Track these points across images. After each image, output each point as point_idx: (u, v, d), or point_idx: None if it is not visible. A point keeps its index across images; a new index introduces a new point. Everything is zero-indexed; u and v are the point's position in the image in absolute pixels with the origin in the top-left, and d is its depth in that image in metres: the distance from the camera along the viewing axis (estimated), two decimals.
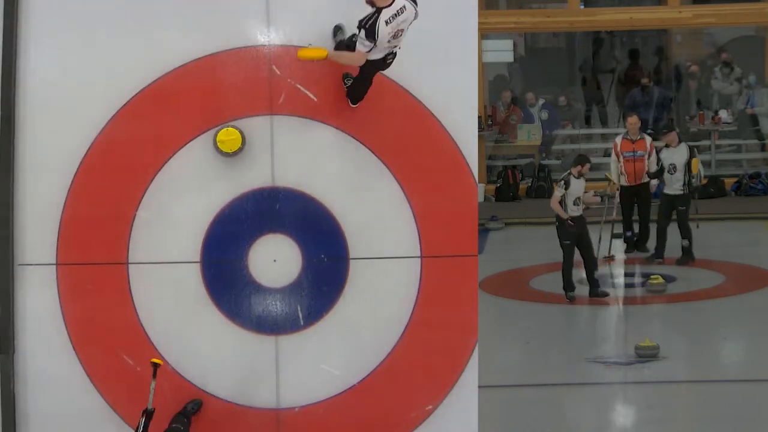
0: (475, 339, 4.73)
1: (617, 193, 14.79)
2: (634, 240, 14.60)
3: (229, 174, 4.70)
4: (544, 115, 19.91)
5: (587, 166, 12.04)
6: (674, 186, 14.35)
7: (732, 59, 19.69)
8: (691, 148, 14.33)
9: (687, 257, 13.98)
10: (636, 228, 14.54)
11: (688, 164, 14.55)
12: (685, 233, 13.59)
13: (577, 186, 12.00)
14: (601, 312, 12.38)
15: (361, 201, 4.73)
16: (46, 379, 4.73)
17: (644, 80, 20.40)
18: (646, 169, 14.20)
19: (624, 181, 14.39)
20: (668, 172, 14.48)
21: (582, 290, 13.85)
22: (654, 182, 13.96)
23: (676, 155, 14.68)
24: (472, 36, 4.74)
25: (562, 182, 11.65)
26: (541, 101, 19.76)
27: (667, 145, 14.84)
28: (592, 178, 20.90)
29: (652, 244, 13.98)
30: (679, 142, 14.56)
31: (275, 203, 4.71)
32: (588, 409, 9.07)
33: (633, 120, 14.46)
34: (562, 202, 11.37)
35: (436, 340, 4.73)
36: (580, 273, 14.83)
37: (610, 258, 14.26)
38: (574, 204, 11.50)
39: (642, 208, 14.50)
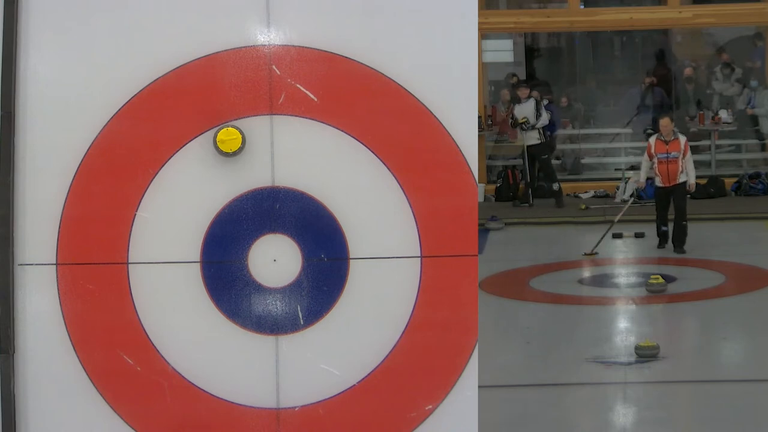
0: (475, 339, 4.73)
1: (633, 193, 15.38)
2: (669, 237, 14.85)
3: (229, 174, 4.70)
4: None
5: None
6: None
7: (733, 60, 19.72)
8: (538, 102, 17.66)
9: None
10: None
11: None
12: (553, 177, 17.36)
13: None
14: (601, 312, 12.41)
15: (361, 201, 4.72)
16: (46, 379, 4.73)
17: (647, 79, 20.46)
18: (680, 169, 14.35)
19: (658, 183, 14.57)
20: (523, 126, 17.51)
21: (582, 290, 13.87)
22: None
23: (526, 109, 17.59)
24: (472, 36, 4.74)
25: None
26: (545, 101, 19.82)
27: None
28: (593, 178, 21.01)
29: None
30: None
31: (275, 203, 4.71)
32: (588, 409, 9.09)
33: (665, 122, 14.65)
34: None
35: (436, 340, 4.73)
36: (580, 273, 14.89)
37: (592, 253, 14.41)
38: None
39: (677, 209, 14.73)
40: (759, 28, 20.12)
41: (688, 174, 14.24)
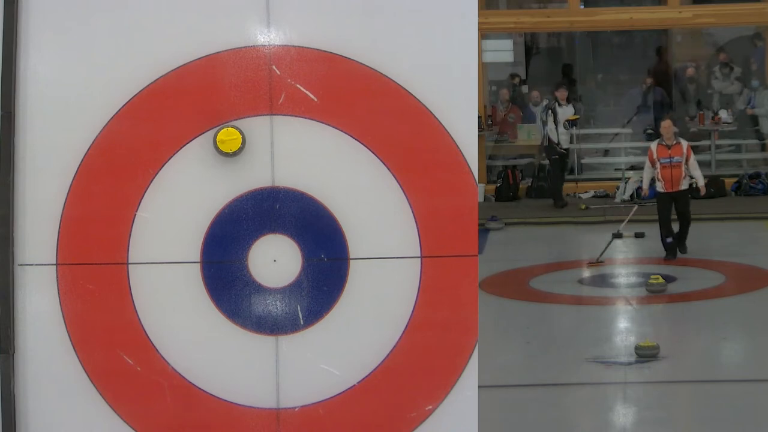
0: (475, 339, 4.73)
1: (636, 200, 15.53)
2: (674, 244, 14.83)
3: (229, 174, 4.70)
4: (545, 116, 19.99)
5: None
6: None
7: (730, 59, 19.71)
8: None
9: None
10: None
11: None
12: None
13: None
14: (601, 312, 12.42)
15: (361, 201, 4.73)
16: (46, 379, 4.73)
17: (648, 79, 20.47)
18: (684, 174, 14.27)
19: (661, 188, 14.50)
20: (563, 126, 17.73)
21: (582, 290, 13.90)
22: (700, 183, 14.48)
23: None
24: (472, 36, 4.74)
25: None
26: (545, 101, 19.83)
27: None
28: (594, 178, 21.04)
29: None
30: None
31: (275, 203, 4.72)
32: (588, 409, 9.10)
33: (667, 124, 14.57)
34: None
35: (436, 340, 4.73)
36: (580, 273, 14.91)
37: (597, 263, 14.37)
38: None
39: (681, 216, 14.70)
40: (759, 28, 20.12)
41: (696, 177, 14.22)
